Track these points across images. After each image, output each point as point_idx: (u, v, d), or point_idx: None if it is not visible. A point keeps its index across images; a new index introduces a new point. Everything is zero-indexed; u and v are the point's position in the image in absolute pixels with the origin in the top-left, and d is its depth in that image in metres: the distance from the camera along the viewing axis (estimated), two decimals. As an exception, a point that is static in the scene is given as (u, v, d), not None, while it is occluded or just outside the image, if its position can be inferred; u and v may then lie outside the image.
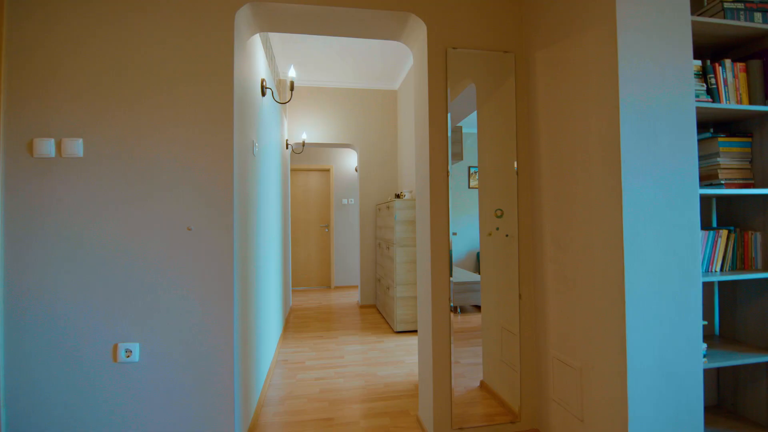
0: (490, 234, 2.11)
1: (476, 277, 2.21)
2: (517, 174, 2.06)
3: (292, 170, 6.59)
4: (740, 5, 1.84)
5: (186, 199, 1.72)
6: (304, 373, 2.87)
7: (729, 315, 2.10)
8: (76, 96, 1.66)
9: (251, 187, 2.24)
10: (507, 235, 2.06)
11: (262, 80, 2.65)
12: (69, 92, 1.66)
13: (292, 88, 2.74)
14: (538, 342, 1.99)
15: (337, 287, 6.57)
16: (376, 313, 4.72)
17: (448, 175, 1.99)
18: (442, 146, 1.99)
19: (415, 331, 3.88)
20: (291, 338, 3.75)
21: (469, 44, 2.03)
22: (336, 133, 4.97)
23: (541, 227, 1.95)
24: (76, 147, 1.65)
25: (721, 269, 1.88)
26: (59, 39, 1.66)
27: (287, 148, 4.59)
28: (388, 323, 4.23)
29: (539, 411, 1.99)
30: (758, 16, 1.86)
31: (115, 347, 1.66)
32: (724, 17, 1.83)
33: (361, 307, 5.05)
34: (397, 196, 4.16)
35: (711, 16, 1.86)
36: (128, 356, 1.66)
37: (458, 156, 3.17)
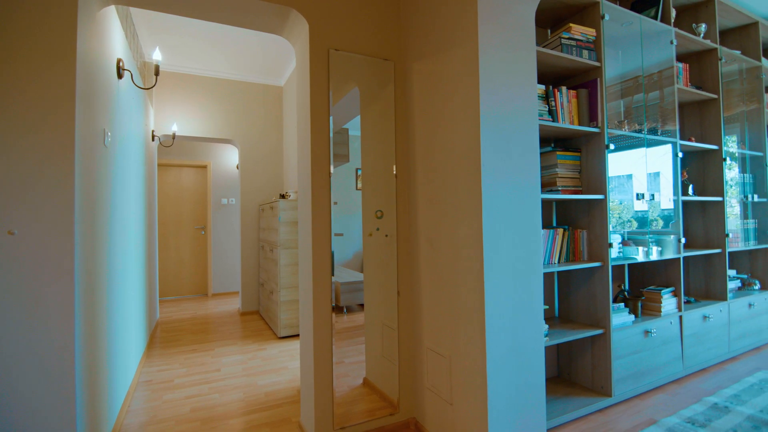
0: (370, 234, 2.17)
1: (362, 277, 2.25)
2: (396, 177, 2.16)
3: (162, 165, 5.88)
4: (573, 43, 2.22)
5: (7, 197, 1.39)
6: (172, 393, 2.57)
7: (565, 299, 2.51)
8: None
9: (102, 183, 1.92)
10: (387, 236, 2.14)
11: (119, 60, 2.30)
12: None
13: (157, 73, 2.43)
14: (415, 335, 2.11)
15: (215, 294, 6.06)
16: (259, 320, 4.49)
17: (329, 177, 1.98)
18: (323, 147, 1.97)
19: (300, 335, 3.79)
20: (157, 355, 3.33)
21: (351, 48, 2.06)
22: (214, 127, 4.58)
23: (417, 228, 2.08)
24: None
25: (559, 261, 2.24)
26: None
27: (153, 140, 4.07)
28: (271, 329, 4.05)
29: (416, 400, 2.11)
30: (585, 53, 2.26)
31: None
32: (562, 51, 2.19)
33: (243, 314, 4.75)
34: (282, 196, 4.02)
35: (552, 49, 2.21)
36: None
37: (344, 158, 3.20)
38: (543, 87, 2.15)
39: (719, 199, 2.90)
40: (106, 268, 1.97)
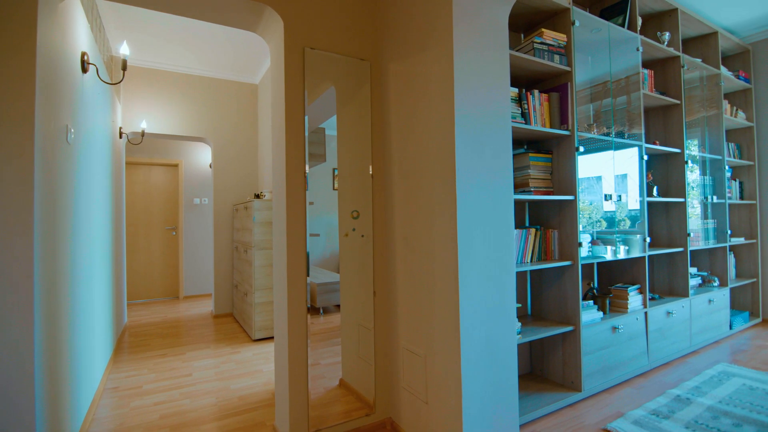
0: (347, 235, 2.15)
1: (338, 278, 2.23)
2: (372, 178, 2.15)
3: (130, 164, 5.68)
4: (545, 47, 2.28)
5: (-43, 195, 1.31)
6: (140, 399, 2.48)
7: (537, 297, 2.57)
8: None
9: (65, 182, 1.84)
10: (363, 236, 2.14)
11: (84, 54, 2.20)
12: None
13: (124, 67, 2.35)
14: (391, 335, 2.12)
15: (187, 297, 5.90)
16: (233, 322, 4.39)
17: (305, 177, 1.96)
18: (299, 147, 1.95)
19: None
20: (125, 360, 3.21)
21: (327, 47, 2.04)
22: (185, 125, 4.46)
23: (393, 228, 2.08)
24: None
25: (531, 260, 2.29)
26: None
27: (121, 137, 3.93)
28: (245, 332, 3.98)
29: (392, 400, 2.12)
30: (557, 57, 2.32)
31: None
32: (534, 55, 2.24)
33: (216, 316, 4.64)
34: (257, 196, 3.95)
35: (525, 53, 2.25)
36: None
37: (321, 158, 3.16)
38: (516, 90, 2.19)
39: (681, 200, 3.04)
40: (68, 271, 1.88)
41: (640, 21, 2.85)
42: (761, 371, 2.66)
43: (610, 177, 2.63)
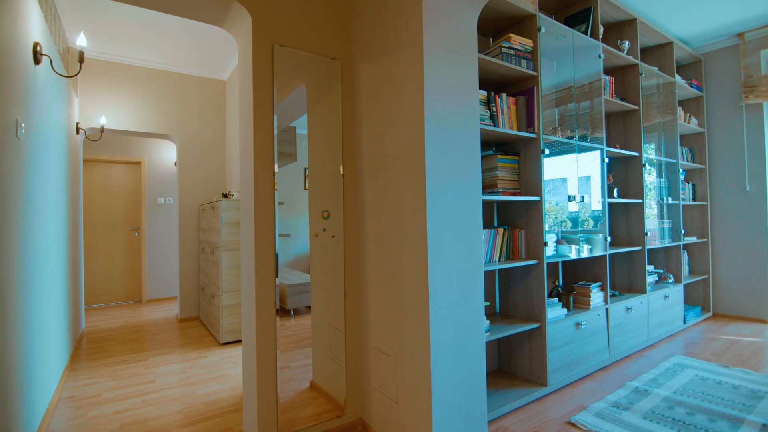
0: (317, 235, 2.13)
1: (309, 279, 2.20)
2: (343, 177, 2.14)
3: (89, 161, 5.40)
4: (512, 52, 2.33)
5: None
6: (99, 409, 2.36)
7: (505, 295, 2.63)
8: None
9: (14, 179, 1.72)
10: (334, 236, 2.12)
11: (36, 44, 2.08)
12: None
13: (81, 60, 2.23)
14: (362, 336, 2.11)
15: (150, 300, 5.67)
16: (200, 326, 4.26)
17: (273, 176, 1.92)
18: (267, 146, 1.91)
19: (245, 340, 3.64)
20: (83, 368, 3.05)
21: (297, 45, 2.02)
22: (148, 121, 4.28)
23: (364, 228, 2.07)
24: None
25: (500, 259, 2.34)
26: None
27: (78, 133, 3.73)
28: (213, 335, 3.86)
29: (363, 401, 2.11)
30: (524, 62, 2.38)
31: None
32: (502, 59, 2.29)
33: (181, 320, 4.48)
34: (225, 195, 3.85)
35: (494, 57, 2.30)
36: None
37: (291, 157, 3.12)
38: (485, 93, 2.24)
39: (640, 201, 3.19)
40: (18, 275, 1.77)
41: (602, 29, 2.97)
42: (712, 362, 2.83)
43: (574, 179, 2.72)
